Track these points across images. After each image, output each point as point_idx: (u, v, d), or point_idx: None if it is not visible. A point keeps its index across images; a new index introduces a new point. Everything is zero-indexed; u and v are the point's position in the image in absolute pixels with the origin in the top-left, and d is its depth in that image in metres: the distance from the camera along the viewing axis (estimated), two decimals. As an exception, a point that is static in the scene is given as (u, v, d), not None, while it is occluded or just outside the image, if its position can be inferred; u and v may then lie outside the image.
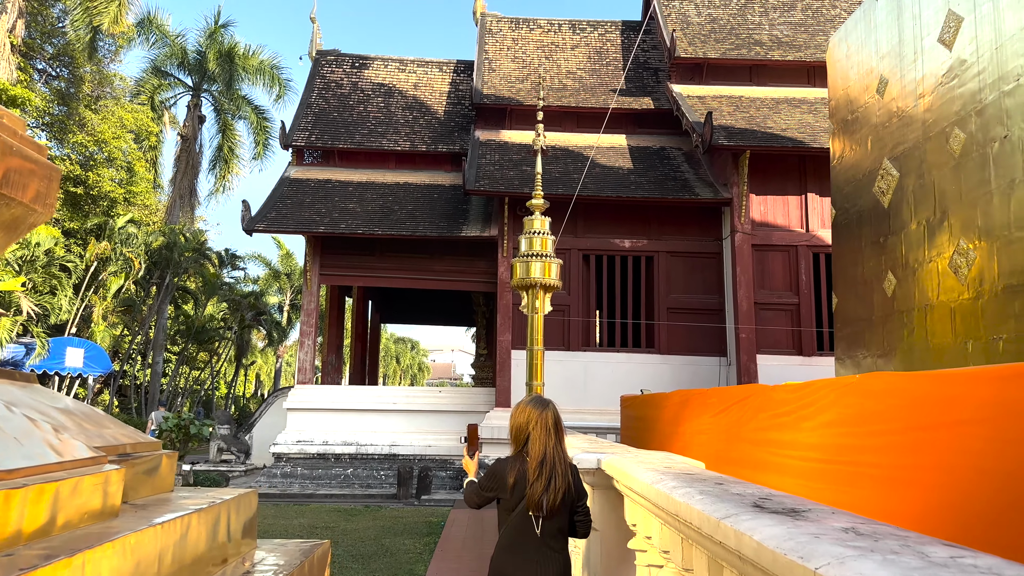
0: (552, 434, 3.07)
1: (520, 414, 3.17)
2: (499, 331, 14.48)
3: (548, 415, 3.13)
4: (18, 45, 16.67)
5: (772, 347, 13.84)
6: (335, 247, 15.53)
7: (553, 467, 2.99)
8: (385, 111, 18.47)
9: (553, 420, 3.13)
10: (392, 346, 62.91)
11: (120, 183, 22.25)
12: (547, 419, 3.11)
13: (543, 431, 3.07)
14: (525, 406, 3.21)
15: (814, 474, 4.14)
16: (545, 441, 3.05)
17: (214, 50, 24.95)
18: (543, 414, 3.12)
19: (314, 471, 14.55)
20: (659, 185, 14.81)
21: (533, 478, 2.96)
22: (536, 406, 3.17)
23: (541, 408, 3.15)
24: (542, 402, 3.22)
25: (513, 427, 3.20)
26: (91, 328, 22.58)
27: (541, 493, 2.93)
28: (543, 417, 3.11)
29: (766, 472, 4.83)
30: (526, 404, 3.22)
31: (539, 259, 11.53)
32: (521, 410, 3.19)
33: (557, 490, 2.95)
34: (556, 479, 2.97)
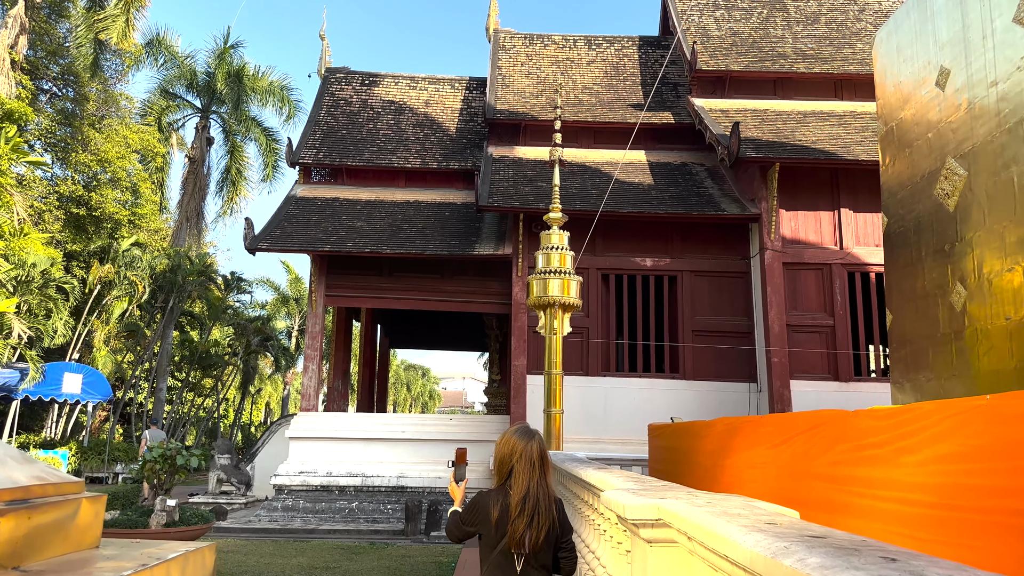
0: (537, 468, 2.94)
1: (504, 445, 3.03)
2: (513, 355, 13.67)
3: (533, 447, 2.98)
4: (20, 61, 16.27)
5: (806, 372, 12.93)
6: (341, 267, 14.83)
7: (537, 503, 2.85)
8: (395, 128, 17.89)
9: (539, 453, 2.98)
10: (402, 373, 62.05)
11: (125, 205, 21.75)
12: (532, 452, 2.96)
13: (527, 464, 2.93)
14: (510, 436, 3.05)
15: (921, 522, 3.29)
16: (529, 475, 2.90)
17: (223, 71, 24.62)
18: (528, 446, 2.97)
19: (317, 504, 13.69)
20: (682, 201, 14.05)
21: (515, 514, 2.82)
22: (521, 437, 3.02)
23: (526, 440, 3.00)
24: (527, 433, 3.06)
25: (497, 458, 3.04)
26: (92, 353, 21.93)
27: (523, 530, 2.80)
28: (528, 449, 2.96)
29: (847, 516, 3.98)
30: (511, 435, 3.06)
31: (557, 276, 10.74)
32: (505, 441, 3.04)
33: (540, 527, 2.83)
34: (539, 516, 2.84)
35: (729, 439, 5.85)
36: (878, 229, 13.56)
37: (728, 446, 5.85)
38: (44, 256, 14.83)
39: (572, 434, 12.37)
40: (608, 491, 2.97)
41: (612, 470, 4.87)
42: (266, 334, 26.20)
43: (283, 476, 13.87)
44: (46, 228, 19.22)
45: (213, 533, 12.56)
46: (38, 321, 14.40)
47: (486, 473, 13.50)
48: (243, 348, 25.66)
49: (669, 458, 7.98)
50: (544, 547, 2.86)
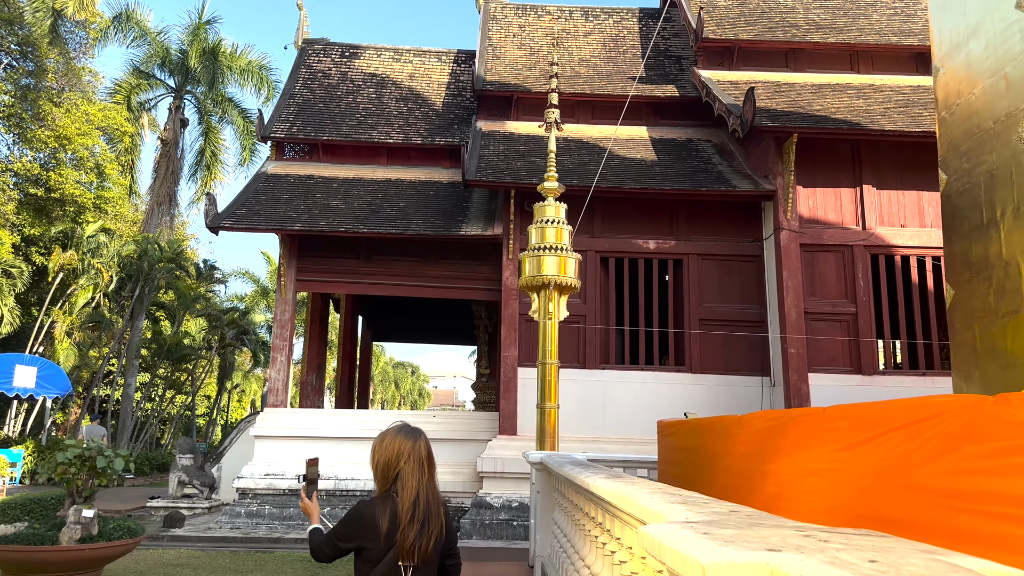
0: (426, 469, 2.72)
1: (388, 447, 2.76)
2: (503, 345, 12.39)
3: (421, 446, 2.76)
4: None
5: (825, 364, 11.72)
6: (314, 249, 13.51)
7: (428, 508, 2.65)
8: (377, 102, 16.58)
9: (426, 452, 2.77)
10: (391, 370, 60.68)
11: (89, 187, 20.31)
12: (420, 451, 2.75)
13: (415, 465, 2.70)
14: (393, 437, 2.78)
15: None
16: (419, 477, 2.67)
17: (197, 48, 23.21)
18: (415, 445, 2.75)
19: (284, 510, 12.37)
20: (689, 178, 12.80)
21: (405, 522, 2.59)
22: (407, 436, 2.78)
23: (412, 439, 2.78)
24: (413, 432, 2.82)
25: (379, 462, 2.75)
26: (54, 345, 20.51)
27: (415, 539, 2.59)
28: (416, 449, 2.74)
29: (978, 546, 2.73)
30: (395, 435, 2.79)
31: (553, 253, 9.44)
32: (389, 442, 2.77)
33: (431, 535, 2.63)
34: (431, 522, 2.64)
35: (774, 438, 4.59)
36: (904, 208, 12.37)
37: (773, 447, 4.58)
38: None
39: (568, 432, 11.11)
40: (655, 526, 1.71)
41: (631, 479, 3.60)
42: (242, 327, 24.80)
43: (247, 479, 12.54)
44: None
45: (167, 543, 11.22)
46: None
47: (472, 476, 12.22)
48: (218, 341, 24.24)
49: (685, 460, 6.71)
50: (433, 555, 2.67)
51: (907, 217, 12.27)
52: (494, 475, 11.62)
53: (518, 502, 11.40)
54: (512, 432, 11.97)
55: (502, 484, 11.63)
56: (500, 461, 11.54)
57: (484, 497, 11.50)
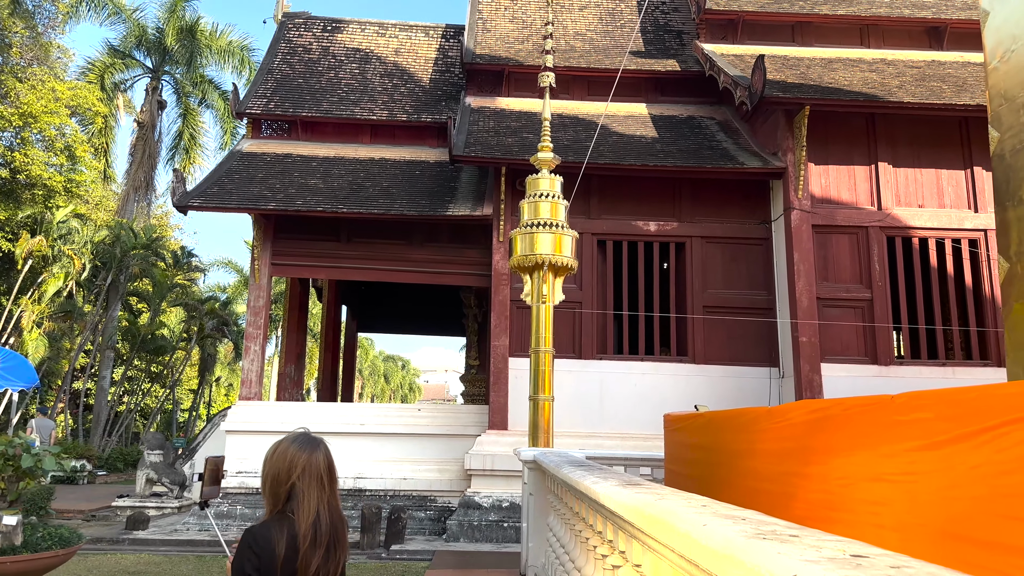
0: (325, 485, 2.31)
1: (279, 459, 2.29)
2: (493, 334, 11.54)
3: (319, 459, 2.31)
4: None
5: (839, 354, 10.93)
6: (291, 230, 12.61)
7: (332, 529, 2.27)
8: (360, 78, 15.66)
9: (326, 465, 2.33)
10: (380, 364, 59.76)
11: (59, 170, 19.30)
12: (318, 464, 2.29)
13: (313, 481, 2.27)
14: (287, 447, 2.31)
15: None
16: (318, 495, 2.27)
17: (174, 25, 22.20)
18: (312, 457, 2.29)
19: (257, 510, 11.48)
20: (692, 155, 11.97)
21: (306, 546, 2.21)
22: (302, 447, 2.30)
23: (309, 450, 2.31)
24: (310, 442, 2.34)
25: (269, 476, 2.28)
26: (22, 336, 19.52)
27: (319, 566, 2.22)
28: (313, 462, 2.29)
29: None
30: (288, 445, 2.31)
31: (547, 230, 8.55)
32: (280, 453, 2.30)
33: (337, 559, 2.29)
34: (336, 545, 2.28)
35: (819, 434, 3.76)
36: (922, 187, 11.57)
37: (818, 445, 3.75)
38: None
39: (562, 428, 10.29)
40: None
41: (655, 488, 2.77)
42: (223, 318, 23.83)
43: (218, 477, 11.66)
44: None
45: (128, 546, 10.34)
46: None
47: (459, 474, 11.39)
48: (197, 332, 23.28)
49: (698, 459, 5.88)
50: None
51: (925, 197, 11.48)
52: (483, 473, 10.78)
53: (509, 502, 10.57)
54: (503, 427, 11.13)
55: (492, 482, 10.80)
56: (490, 458, 10.71)
57: (472, 496, 10.67)
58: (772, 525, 1.62)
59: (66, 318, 20.49)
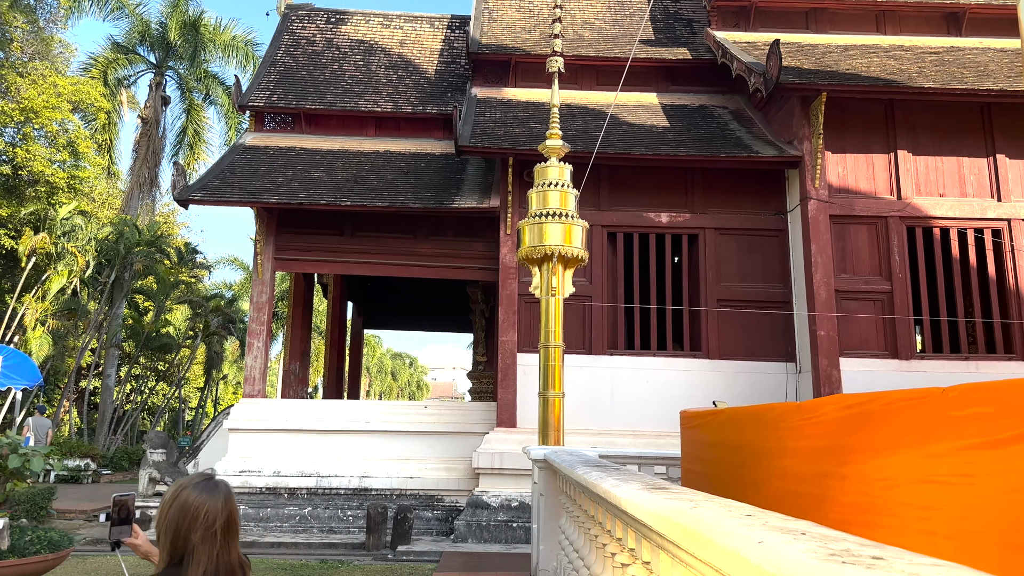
0: (219, 537, 2.01)
1: (177, 510, 2.02)
2: (501, 329, 11.25)
3: (217, 507, 2.03)
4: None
5: (857, 348, 10.59)
6: (294, 224, 12.36)
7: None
8: (364, 70, 15.38)
9: (225, 516, 2.04)
10: (388, 361, 59.58)
11: (62, 166, 19.10)
12: (215, 514, 2.01)
13: (209, 535, 2.00)
14: (187, 496, 2.03)
15: None
16: (209, 549, 1.99)
17: (177, 20, 21.98)
18: (210, 507, 2.02)
19: (261, 510, 11.26)
20: (705, 144, 11.64)
21: None
22: (203, 494, 2.03)
23: (207, 497, 2.03)
24: (209, 488, 2.06)
25: (164, 524, 2.03)
26: (26, 334, 19.36)
27: None
28: (210, 512, 2.01)
29: None
30: (188, 492, 2.04)
31: (557, 219, 8.23)
32: (180, 503, 2.02)
33: None
34: None
35: (857, 431, 3.45)
36: (943, 175, 11.21)
37: (856, 443, 3.44)
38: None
39: (572, 425, 9.98)
40: None
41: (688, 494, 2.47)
42: (228, 315, 23.63)
43: (220, 476, 11.41)
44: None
45: (124, 551, 10.10)
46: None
47: (467, 472, 11.11)
48: (202, 330, 23.08)
49: (719, 458, 5.57)
50: None
51: (946, 186, 11.11)
52: (491, 471, 10.50)
53: (518, 501, 10.29)
54: (511, 424, 10.85)
55: (500, 481, 10.52)
56: (498, 456, 10.42)
57: (481, 496, 10.39)
58: (843, 542, 1.32)
59: (70, 316, 20.32)
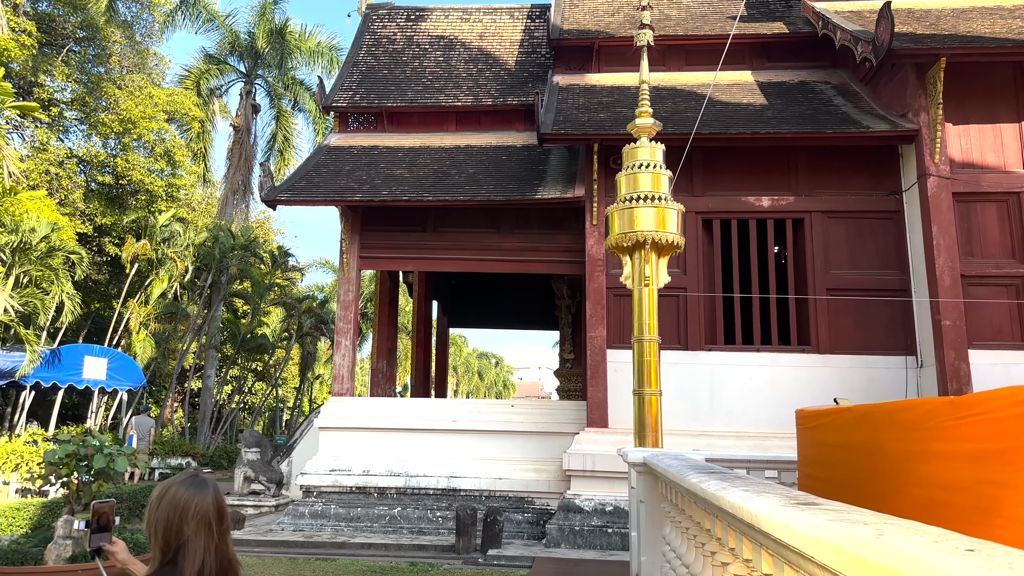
0: (214, 531, 2.06)
1: (168, 506, 2.04)
2: (589, 324, 10.76)
3: (207, 501, 2.07)
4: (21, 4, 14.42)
5: (989, 339, 9.52)
6: (378, 222, 12.26)
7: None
8: (444, 65, 15.19)
9: (215, 509, 2.09)
10: (474, 361, 59.90)
11: (160, 175, 19.86)
12: (205, 508, 2.05)
13: (202, 528, 2.03)
14: (175, 492, 2.06)
15: None
16: (205, 542, 2.02)
17: (264, 28, 22.54)
18: (199, 501, 2.05)
19: (351, 510, 11.18)
20: (808, 120, 10.78)
21: None
22: (190, 490, 2.07)
23: (197, 493, 2.06)
24: (198, 484, 2.10)
25: (154, 523, 2.04)
26: (130, 337, 20.23)
27: None
28: (201, 506, 2.04)
29: None
30: (176, 489, 2.07)
31: (649, 203, 7.65)
32: (169, 500, 2.05)
33: None
34: None
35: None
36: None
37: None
38: (44, 221, 12.85)
39: (669, 425, 9.33)
40: None
41: (861, 514, 1.95)
42: (320, 316, 24.09)
43: (311, 475, 11.44)
44: (66, 197, 17.53)
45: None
46: (33, 295, 12.39)
47: (557, 474, 10.67)
48: (296, 331, 23.61)
49: (844, 462, 4.89)
50: None
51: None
52: (583, 474, 10.03)
53: (612, 505, 9.77)
54: (602, 424, 10.34)
55: (593, 484, 10.03)
56: (590, 458, 9.93)
57: (572, 499, 9.93)
58: None
59: (171, 319, 21.14)
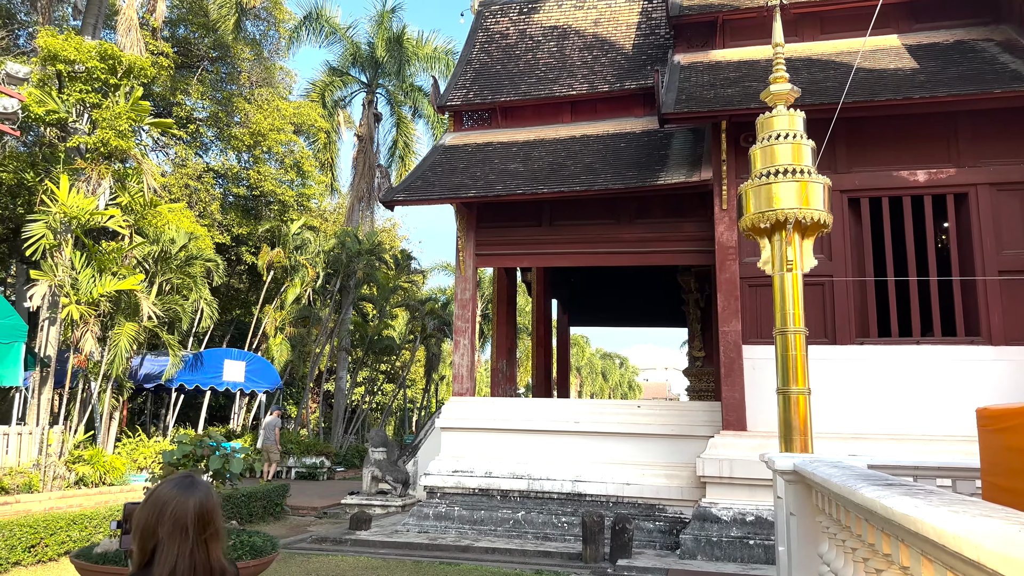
0: (191, 535, 1.90)
1: (148, 507, 1.93)
2: (721, 318, 9.93)
3: (189, 505, 1.91)
4: (158, 28, 15.37)
5: None
6: (492, 219, 11.99)
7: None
8: (558, 55, 14.74)
9: (196, 512, 1.92)
10: (598, 362, 59.06)
11: (290, 185, 20.69)
12: (185, 511, 1.90)
13: (177, 532, 1.88)
14: (159, 493, 1.95)
15: None
16: (179, 548, 1.87)
17: (382, 36, 23.04)
18: (179, 504, 1.90)
19: (475, 512, 10.93)
20: (971, 82, 9.44)
21: None
22: (174, 490, 1.94)
23: (179, 495, 1.92)
24: (186, 485, 1.96)
25: (135, 522, 1.95)
26: (268, 341, 21.18)
27: None
28: (180, 509, 1.90)
29: None
30: (161, 490, 1.96)
31: (789, 178, 6.85)
32: (151, 501, 1.94)
33: None
34: None
35: None
36: None
37: None
38: (183, 231, 13.56)
39: (816, 427, 8.42)
40: None
41: None
42: (443, 318, 24.35)
43: (434, 475, 11.30)
44: (204, 209, 18.60)
45: (349, 547, 10.20)
46: (171, 300, 13.07)
47: (690, 480, 9.93)
48: (420, 332, 23.96)
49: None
50: None
51: None
52: (719, 480, 9.23)
53: (753, 515, 8.92)
54: (739, 427, 9.49)
55: (730, 492, 9.21)
56: (727, 463, 9.13)
57: (709, 508, 9.16)
58: None
59: (304, 323, 21.98)
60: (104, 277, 11.23)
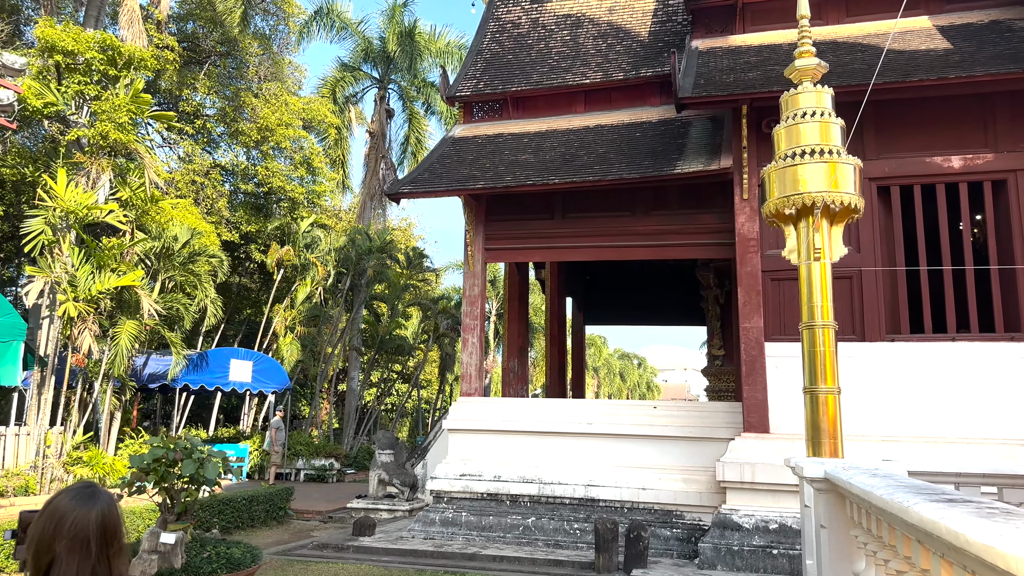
0: (92, 551, 1.73)
1: (44, 519, 1.76)
2: (742, 314, 9.40)
3: (88, 517, 1.75)
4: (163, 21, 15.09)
5: None
6: (502, 211, 11.53)
7: None
8: (571, 44, 14.26)
9: (98, 526, 1.76)
10: (615, 362, 58.38)
11: (300, 181, 20.37)
12: (86, 525, 1.74)
13: (77, 547, 1.72)
14: (56, 504, 1.78)
15: None
16: (79, 567, 1.72)
17: (394, 31, 22.66)
18: (79, 516, 1.74)
19: (483, 518, 10.47)
20: (1009, 60, 8.83)
21: None
22: (73, 502, 1.76)
23: (79, 506, 1.76)
24: (86, 496, 1.78)
25: (29, 535, 1.79)
26: (277, 341, 20.87)
27: None
28: (78, 522, 1.73)
29: None
30: (60, 497, 1.79)
31: (816, 158, 6.26)
32: (47, 512, 1.77)
33: None
34: None
35: None
36: None
37: None
38: (186, 227, 13.23)
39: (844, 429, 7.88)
40: None
41: None
42: (456, 317, 23.91)
43: (441, 479, 10.85)
44: (212, 205, 18.33)
45: (351, 554, 9.76)
46: (177, 299, 12.74)
47: (709, 485, 9.39)
48: (432, 332, 23.55)
49: None
50: None
51: None
52: (740, 485, 8.70)
53: (777, 522, 8.39)
54: (762, 429, 8.95)
55: (753, 497, 8.68)
56: (748, 467, 8.59)
57: (729, 515, 8.63)
58: None
59: (315, 322, 21.66)
60: (103, 273, 10.91)
